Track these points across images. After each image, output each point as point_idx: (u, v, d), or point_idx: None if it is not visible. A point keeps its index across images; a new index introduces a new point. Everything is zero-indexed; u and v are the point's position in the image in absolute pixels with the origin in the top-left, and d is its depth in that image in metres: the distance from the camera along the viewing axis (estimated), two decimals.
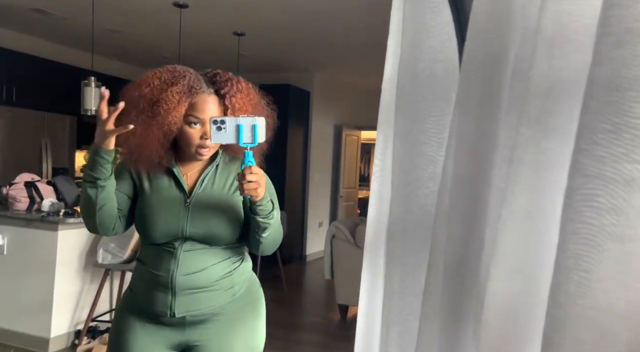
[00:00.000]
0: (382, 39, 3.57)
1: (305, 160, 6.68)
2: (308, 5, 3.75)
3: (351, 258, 4.12)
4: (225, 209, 1.32)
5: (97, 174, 1.24)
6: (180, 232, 1.29)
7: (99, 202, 1.27)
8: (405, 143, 0.72)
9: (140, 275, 1.36)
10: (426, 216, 0.70)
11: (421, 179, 0.70)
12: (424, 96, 0.69)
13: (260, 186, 1.16)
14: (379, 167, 0.83)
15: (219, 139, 1.14)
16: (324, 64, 5.98)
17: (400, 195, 0.73)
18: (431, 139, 0.69)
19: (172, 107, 1.21)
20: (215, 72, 1.32)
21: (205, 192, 1.33)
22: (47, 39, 5.18)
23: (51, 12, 4.24)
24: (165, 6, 3.88)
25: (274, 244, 1.34)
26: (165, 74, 1.25)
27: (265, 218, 1.25)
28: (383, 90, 0.85)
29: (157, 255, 1.31)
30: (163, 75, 1.25)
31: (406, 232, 0.72)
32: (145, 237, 1.33)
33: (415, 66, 0.70)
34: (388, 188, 0.83)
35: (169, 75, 1.24)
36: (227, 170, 1.37)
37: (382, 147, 0.83)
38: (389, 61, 0.84)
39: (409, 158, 0.71)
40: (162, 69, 1.27)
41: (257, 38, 4.74)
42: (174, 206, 1.31)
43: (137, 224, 1.34)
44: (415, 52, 0.70)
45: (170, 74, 1.25)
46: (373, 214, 0.83)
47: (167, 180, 1.34)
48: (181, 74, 1.25)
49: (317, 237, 6.99)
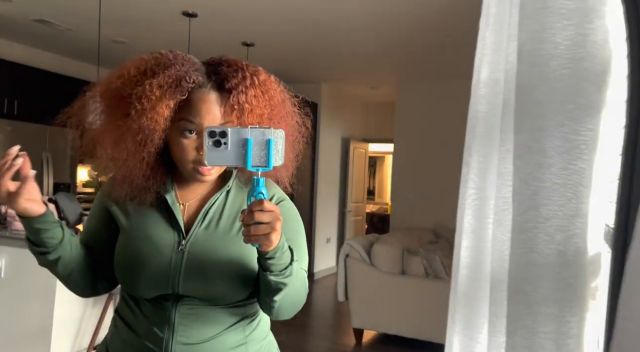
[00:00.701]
0: (391, 50, 3.40)
1: (313, 173, 6.49)
2: (316, 15, 3.60)
3: (367, 279, 3.91)
4: (235, 256, 0.93)
5: (42, 247, 0.93)
6: (172, 288, 0.92)
7: (61, 273, 0.97)
8: (530, 165, 0.53)
9: (120, 338, 0.99)
10: (565, 265, 0.51)
11: (555, 216, 0.52)
12: (559, 103, 0.51)
13: (274, 230, 0.77)
14: (475, 197, 0.65)
15: (217, 159, 0.79)
16: (332, 75, 5.84)
17: (521, 236, 0.54)
18: (572, 163, 0.51)
19: (148, 106, 0.86)
20: (222, 58, 0.94)
21: (208, 230, 0.95)
22: (50, 50, 5.04)
23: (55, 23, 4.10)
24: (174, 15, 3.74)
25: (292, 308, 0.95)
26: (148, 61, 0.91)
27: (278, 276, 0.86)
28: (476, 97, 0.67)
29: (144, 315, 0.95)
30: (144, 63, 0.91)
31: (533, 283, 0.53)
32: (125, 287, 0.99)
33: (546, 65, 0.52)
34: (488, 224, 0.64)
35: (152, 63, 0.90)
36: (242, 199, 0.99)
37: (479, 169, 0.65)
38: (484, 59, 0.66)
39: (534, 186, 0.53)
40: (147, 56, 0.93)
41: (266, 49, 4.59)
42: (162, 249, 0.93)
43: (115, 270, 0.98)
44: (544, 47, 0.52)
45: (154, 61, 0.90)
46: (468, 259, 0.64)
47: (157, 211, 0.97)
48: (169, 62, 0.89)
49: (325, 254, 6.78)
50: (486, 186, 0.63)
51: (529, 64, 0.54)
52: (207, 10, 3.62)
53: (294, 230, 0.98)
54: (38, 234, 0.91)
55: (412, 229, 5.14)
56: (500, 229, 0.60)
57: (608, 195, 0.57)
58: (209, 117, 0.89)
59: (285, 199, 1.02)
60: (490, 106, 0.64)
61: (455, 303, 0.67)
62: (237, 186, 1.01)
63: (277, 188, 1.02)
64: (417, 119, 5.78)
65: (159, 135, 0.89)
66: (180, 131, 0.90)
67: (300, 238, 0.99)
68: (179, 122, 0.90)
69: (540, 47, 0.53)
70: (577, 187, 0.51)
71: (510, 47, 0.59)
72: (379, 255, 3.90)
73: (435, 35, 3.99)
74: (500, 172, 0.61)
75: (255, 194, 0.78)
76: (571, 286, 0.52)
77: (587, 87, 0.51)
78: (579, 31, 0.51)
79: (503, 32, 0.62)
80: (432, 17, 3.48)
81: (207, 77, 0.91)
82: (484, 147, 0.64)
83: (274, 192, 1.00)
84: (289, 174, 1.02)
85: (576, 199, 0.51)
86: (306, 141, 1.03)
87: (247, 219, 0.77)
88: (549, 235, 0.52)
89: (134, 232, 0.96)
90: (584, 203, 0.52)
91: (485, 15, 0.66)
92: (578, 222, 0.52)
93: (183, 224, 0.96)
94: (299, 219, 1.02)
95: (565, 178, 0.52)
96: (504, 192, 0.59)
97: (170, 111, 0.87)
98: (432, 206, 5.57)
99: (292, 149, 0.99)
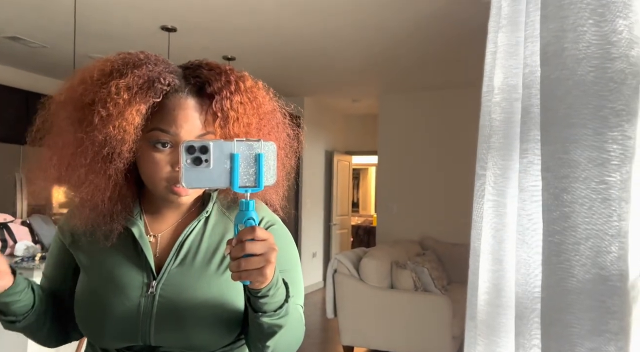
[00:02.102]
0: (372, 63, 3.39)
1: (298, 187, 6.42)
2: (297, 29, 3.57)
3: (356, 294, 3.83)
4: (216, 297, 0.78)
5: (10, 316, 0.80)
6: (142, 339, 0.78)
7: (31, 334, 0.85)
8: (562, 179, 0.47)
9: None
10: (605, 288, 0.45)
11: (595, 236, 0.46)
12: (593, 109, 0.46)
13: (268, 263, 0.63)
14: (493, 214, 0.58)
15: (197, 180, 0.64)
16: (314, 88, 5.81)
17: (556, 259, 0.48)
18: (610, 175, 0.45)
19: (115, 112, 0.71)
20: (202, 61, 0.81)
21: (183, 267, 0.80)
22: (23, 67, 4.89)
23: (28, 40, 3.97)
24: (153, 30, 3.65)
25: (287, 351, 0.82)
26: (115, 62, 0.76)
27: (272, 317, 0.72)
28: (490, 105, 0.61)
29: None
30: (109, 63, 0.76)
31: (573, 314, 0.47)
32: (88, 337, 0.84)
33: (576, 67, 0.46)
34: (510, 244, 0.58)
35: (119, 63, 0.75)
36: (224, 227, 0.84)
37: (496, 183, 0.59)
38: (497, 64, 0.60)
39: (569, 203, 0.47)
40: (114, 56, 0.78)
41: (247, 63, 4.53)
42: (129, 293, 0.78)
43: (76, 317, 0.83)
44: (574, 47, 0.47)
45: (121, 61, 0.76)
46: (487, 283, 0.58)
47: (122, 247, 0.81)
48: (140, 61, 0.75)
49: (311, 269, 6.67)
50: (506, 202, 0.57)
51: (556, 66, 0.48)
52: (187, 25, 3.56)
53: (288, 260, 0.84)
54: (7, 306, 0.78)
55: (399, 241, 5.09)
56: (526, 249, 0.54)
57: None
58: (186, 126, 0.75)
59: (276, 223, 0.88)
60: (507, 114, 0.58)
61: (476, 333, 0.60)
62: (218, 211, 0.86)
63: (266, 209, 0.88)
64: (400, 130, 5.77)
65: (128, 147, 0.73)
66: (151, 144, 0.75)
67: (296, 270, 0.86)
68: (151, 132, 0.75)
69: (569, 47, 0.47)
70: (619, 202, 0.45)
71: (529, 49, 0.54)
72: (367, 269, 3.82)
73: (414, 48, 3.99)
74: (522, 187, 0.54)
75: (244, 220, 0.64)
76: (615, 316, 0.45)
77: (624, 90, 0.46)
78: (612, 28, 0.45)
79: (519, 34, 0.57)
80: (412, 30, 3.48)
81: (184, 80, 0.77)
82: (501, 159, 0.58)
83: (263, 215, 0.86)
84: (280, 195, 0.88)
85: (617, 215, 0.46)
86: (298, 156, 0.90)
87: (235, 251, 0.63)
88: (589, 258, 0.46)
89: (95, 273, 0.81)
90: (625, 220, 0.46)
91: (496, 16, 0.61)
92: (619, 242, 0.46)
93: (154, 261, 0.80)
94: (293, 246, 0.88)
95: (604, 193, 0.46)
96: (529, 209, 0.53)
97: (141, 118, 0.72)
98: (417, 218, 5.54)
99: (282, 166, 0.86)
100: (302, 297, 0.87)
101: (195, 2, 3.13)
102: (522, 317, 0.54)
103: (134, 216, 0.82)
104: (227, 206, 0.87)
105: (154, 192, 0.80)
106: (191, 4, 3.16)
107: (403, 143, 5.73)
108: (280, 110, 0.87)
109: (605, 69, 0.46)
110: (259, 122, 0.80)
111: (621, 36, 0.45)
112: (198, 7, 3.19)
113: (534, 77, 0.53)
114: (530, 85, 0.54)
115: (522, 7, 0.56)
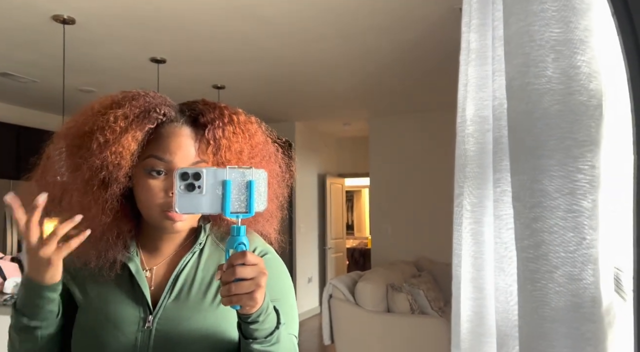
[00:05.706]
0: (361, 87, 3.43)
1: (291, 211, 6.41)
2: (287, 56, 3.63)
3: (353, 319, 3.79)
4: (212, 329, 0.80)
5: (36, 320, 0.78)
6: None
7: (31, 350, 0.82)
8: (532, 209, 0.49)
9: None
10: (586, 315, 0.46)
11: (565, 264, 0.47)
12: (557, 140, 0.47)
13: (258, 287, 0.66)
14: (472, 242, 0.59)
15: (190, 205, 0.67)
16: (304, 113, 5.87)
17: (530, 287, 0.49)
18: (578, 204, 0.47)
19: (112, 138, 0.75)
20: (199, 99, 0.86)
21: (179, 301, 0.82)
22: (13, 103, 4.91)
23: (18, 75, 4.00)
24: (142, 62, 3.70)
25: None
26: (115, 96, 0.81)
27: (263, 343, 0.73)
28: (463, 136, 0.63)
29: None
30: (110, 98, 0.81)
31: (549, 342, 0.48)
32: None
33: (540, 100, 0.48)
34: (489, 272, 0.59)
35: (118, 97, 0.81)
36: (218, 258, 0.86)
37: (473, 212, 0.60)
38: (469, 96, 0.63)
39: (539, 232, 0.48)
40: (115, 93, 0.83)
41: (237, 91, 4.58)
42: (125, 328, 0.80)
43: None
44: (536, 82, 0.49)
45: (121, 95, 0.81)
46: (469, 312, 0.58)
47: (119, 282, 0.83)
48: (138, 95, 0.80)
49: (307, 294, 6.60)
50: (483, 231, 0.58)
51: (521, 100, 0.50)
52: (176, 56, 3.61)
53: (281, 289, 0.86)
54: (44, 303, 0.77)
55: (394, 263, 5.06)
56: (503, 277, 0.55)
57: (615, 236, 0.52)
58: (180, 153, 0.78)
59: (269, 252, 0.89)
60: (480, 145, 0.60)
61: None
62: (211, 243, 0.88)
63: (260, 239, 0.90)
64: (391, 152, 5.82)
65: (124, 172, 0.76)
66: (146, 171, 0.78)
67: (289, 299, 0.87)
68: (146, 160, 0.78)
69: (532, 82, 0.49)
70: (587, 229, 0.47)
71: (497, 83, 0.56)
72: (363, 294, 3.79)
73: (399, 73, 4.06)
74: (497, 214, 0.56)
75: (235, 245, 0.66)
76: (590, 342, 0.46)
77: (584, 121, 0.48)
78: (570, 63, 0.48)
79: (487, 68, 0.59)
80: (397, 54, 3.55)
81: (180, 112, 0.83)
82: (476, 188, 0.60)
83: (256, 245, 0.88)
84: (274, 226, 0.90)
85: (587, 243, 0.47)
86: (290, 188, 0.92)
87: (226, 275, 0.65)
88: (561, 286, 0.47)
89: (91, 309, 0.83)
90: (594, 248, 0.47)
91: (466, 50, 0.63)
92: (591, 268, 0.47)
93: (150, 296, 0.82)
94: (287, 275, 0.90)
95: (573, 221, 0.47)
96: (504, 237, 0.54)
97: (137, 144, 0.76)
98: (412, 238, 5.53)
99: (275, 197, 0.88)
100: (296, 328, 0.87)
101: (184, 34, 3.18)
102: (502, 345, 0.54)
103: (130, 252, 0.84)
104: (220, 238, 0.89)
105: (148, 219, 0.82)
106: (179, 36, 3.21)
107: (394, 164, 5.77)
108: (272, 143, 0.90)
109: (566, 102, 0.48)
110: (250, 151, 0.84)
111: (579, 70, 0.48)
112: (186, 38, 3.25)
113: (503, 109, 0.55)
114: (499, 117, 0.56)
115: (489, 43, 0.59)
